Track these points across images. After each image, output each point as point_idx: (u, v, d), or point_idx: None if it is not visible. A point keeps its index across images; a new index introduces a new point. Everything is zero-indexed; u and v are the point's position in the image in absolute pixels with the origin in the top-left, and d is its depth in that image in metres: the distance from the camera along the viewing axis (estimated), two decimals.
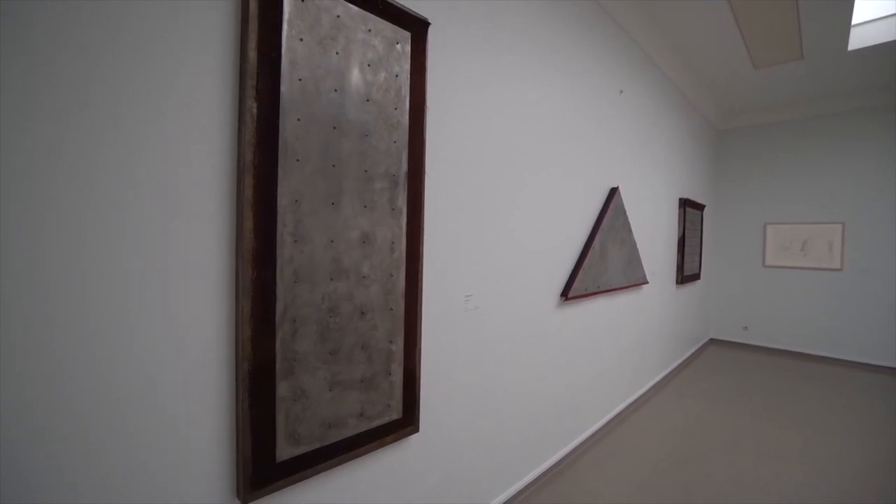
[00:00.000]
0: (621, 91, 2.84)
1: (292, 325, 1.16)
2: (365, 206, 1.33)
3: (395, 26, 1.39)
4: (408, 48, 1.43)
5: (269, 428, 1.12)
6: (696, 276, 4.56)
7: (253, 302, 1.08)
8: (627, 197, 2.97)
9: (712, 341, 5.43)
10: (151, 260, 0.95)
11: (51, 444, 0.83)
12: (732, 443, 2.74)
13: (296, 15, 1.14)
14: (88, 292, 0.86)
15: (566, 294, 2.33)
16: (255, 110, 1.07)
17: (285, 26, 1.12)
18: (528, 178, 2.07)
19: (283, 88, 1.12)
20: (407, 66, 1.43)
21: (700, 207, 4.62)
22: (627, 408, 3.14)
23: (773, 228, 5.01)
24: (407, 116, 1.44)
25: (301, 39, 1.15)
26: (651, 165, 3.40)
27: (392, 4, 1.36)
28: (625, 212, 2.85)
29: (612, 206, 2.69)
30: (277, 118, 1.11)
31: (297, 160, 1.16)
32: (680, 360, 4.31)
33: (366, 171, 1.33)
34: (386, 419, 1.42)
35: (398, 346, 1.45)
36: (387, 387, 1.42)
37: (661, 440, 2.74)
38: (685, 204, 4.10)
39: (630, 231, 2.94)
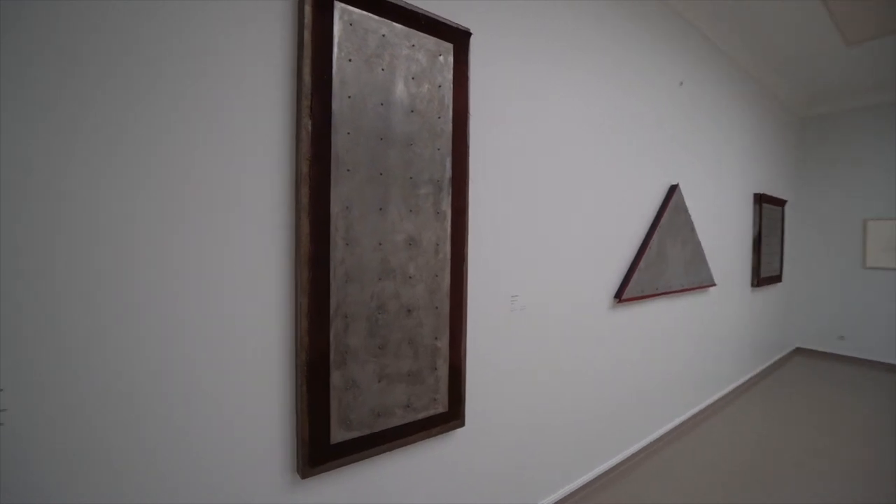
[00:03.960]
0: (681, 83, 2.70)
1: (344, 321, 1.27)
2: (410, 211, 1.42)
3: (437, 39, 1.46)
4: (450, 59, 1.50)
5: (324, 413, 1.24)
6: (776, 278, 4.16)
7: (309, 299, 1.21)
8: (690, 194, 2.80)
9: (798, 351, 4.90)
10: (228, 263, 1.09)
11: (145, 425, 1.00)
12: (810, 464, 2.48)
13: (345, 38, 1.25)
14: (174, 292, 1.03)
15: (620, 296, 2.26)
16: (309, 127, 1.20)
17: (336, 49, 1.24)
18: (578, 178, 2.04)
19: (334, 106, 1.24)
20: (450, 75, 1.50)
21: (780, 203, 4.20)
22: (693, 418, 2.95)
23: (874, 225, 4.41)
24: (450, 124, 1.51)
25: (350, 60, 1.26)
26: (718, 160, 3.17)
27: (434, 19, 1.44)
28: (686, 210, 2.70)
29: (671, 204, 2.56)
30: (329, 133, 1.23)
31: (348, 170, 1.27)
32: (757, 370, 3.95)
33: (411, 177, 1.41)
34: (432, 412, 1.49)
35: (443, 343, 1.52)
36: (432, 381, 1.49)
37: (729, 455, 2.55)
38: (761, 200, 3.77)
39: (693, 230, 2.77)
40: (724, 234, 3.28)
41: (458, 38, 1.51)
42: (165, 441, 1.02)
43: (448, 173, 1.51)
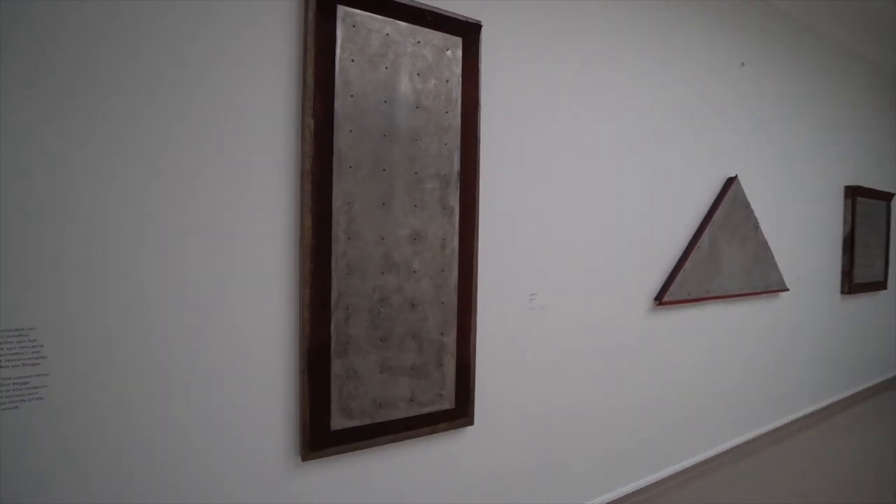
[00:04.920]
0: (742, 64, 2.42)
1: (345, 312, 1.32)
2: (415, 206, 1.43)
3: (444, 34, 1.46)
4: (458, 53, 1.49)
5: (324, 399, 1.29)
6: (878, 285, 3.56)
7: (311, 290, 1.27)
8: (753, 187, 2.50)
9: None
10: (235, 255, 1.18)
11: (154, 408, 1.11)
12: None
13: (348, 39, 1.30)
14: (182, 282, 1.13)
15: (660, 298, 2.08)
16: (312, 126, 1.25)
17: (339, 51, 1.28)
18: (611, 171, 1.92)
19: (336, 106, 1.29)
20: (458, 69, 1.49)
21: (885, 197, 3.59)
22: (751, 442, 2.61)
23: None
24: (459, 119, 1.50)
25: (353, 60, 1.31)
26: (793, 148, 2.80)
27: (440, 14, 1.44)
28: (747, 204, 2.42)
29: (727, 198, 2.31)
30: (332, 131, 1.28)
31: (350, 167, 1.31)
32: (849, 393, 3.41)
33: (416, 173, 1.42)
34: (437, 407, 1.49)
35: (450, 339, 1.51)
36: (438, 376, 1.49)
37: (797, 488, 2.23)
38: (854, 193, 3.25)
39: (756, 227, 2.47)
40: (800, 233, 2.88)
41: (468, 32, 1.50)
42: (172, 420, 1.12)
43: (456, 168, 1.50)
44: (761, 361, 2.67)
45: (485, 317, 1.59)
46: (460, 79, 1.50)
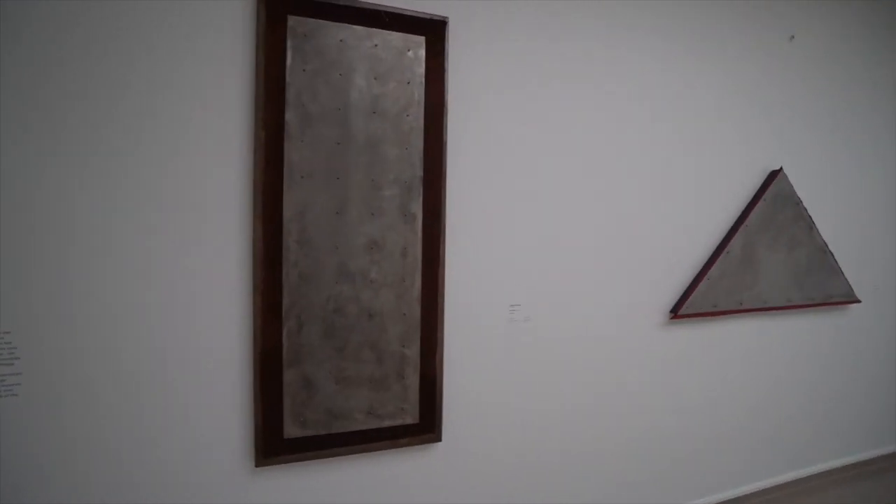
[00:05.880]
0: (791, 37, 2.07)
1: (297, 321, 1.32)
2: (372, 214, 1.39)
3: (405, 34, 1.40)
4: (421, 52, 1.43)
5: (276, 407, 1.30)
6: None
7: (263, 298, 1.28)
8: (805, 181, 2.11)
9: None
10: (193, 264, 1.23)
11: (102, 411, 1.19)
12: None
13: (298, 49, 1.29)
14: (149, 288, 1.20)
15: (676, 311, 1.84)
16: (263, 138, 1.27)
17: (289, 61, 1.28)
18: (615, 168, 1.73)
19: (287, 116, 1.29)
20: (421, 70, 1.43)
21: None
22: (793, 484, 2.21)
23: None
24: (422, 121, 1.44)
25: (304, 70, 1.30)
26: (859, 132, 2.31)
27: (399, 14, 1.38)
28: (798, 202, 2.06)
29: (768, 195, 1.98)
30: (283, 142, 1.29)
31: (302, 177, 1.31)
32: None
33: (373, 179, 1.39)
34: (399, 421, 1.44)
35: (413, 352, 1.45)
36: (399, 389, 1.44)
37: None
38: None
39: (811, 228, 2.09)
40: (879, 234, 2.40)
41: (432, 30, 1.43)
42: (134, 419, 1.19)
43: (418, 173, 1.44)
44: (818, 388, 2.26)
45: (455, 329, 1.51)
46: (423, 80, 1.43)
